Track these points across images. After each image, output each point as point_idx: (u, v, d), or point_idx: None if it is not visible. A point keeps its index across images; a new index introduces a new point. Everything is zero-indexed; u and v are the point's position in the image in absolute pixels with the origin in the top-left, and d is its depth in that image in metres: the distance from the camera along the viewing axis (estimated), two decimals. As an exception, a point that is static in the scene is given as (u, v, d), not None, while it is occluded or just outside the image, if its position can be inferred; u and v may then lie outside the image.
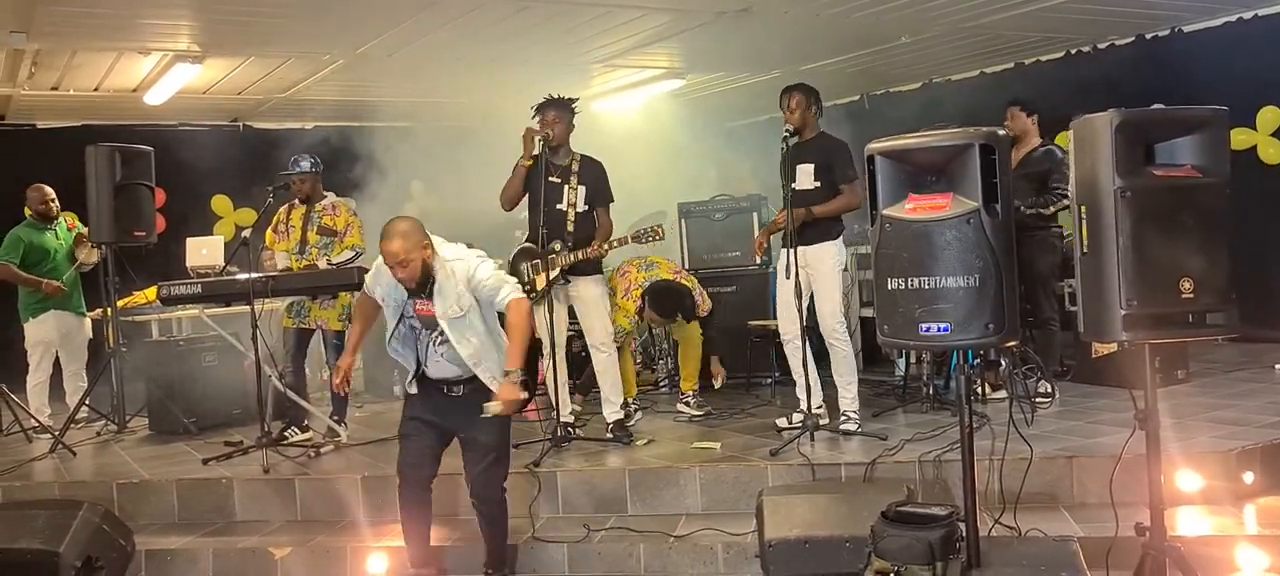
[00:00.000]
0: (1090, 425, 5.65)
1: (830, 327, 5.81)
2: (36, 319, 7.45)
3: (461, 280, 4.23)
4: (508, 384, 4.18)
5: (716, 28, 7.72)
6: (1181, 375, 6.73)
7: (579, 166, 6.02)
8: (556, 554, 4.90)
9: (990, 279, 3.17)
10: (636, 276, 6.77)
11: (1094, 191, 3.26)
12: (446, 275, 4.23)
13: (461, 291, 4.21)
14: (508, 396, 4.17)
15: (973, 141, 3.23)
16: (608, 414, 6.09)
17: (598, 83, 9.92)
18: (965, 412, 3.42)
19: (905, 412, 6.35)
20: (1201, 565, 3.55)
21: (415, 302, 4.31)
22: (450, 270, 4.24)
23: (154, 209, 7.54)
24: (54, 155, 8.88)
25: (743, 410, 6.82)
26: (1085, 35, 8.87)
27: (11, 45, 7.14)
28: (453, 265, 4.26)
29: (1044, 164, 6.63)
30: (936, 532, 3.36)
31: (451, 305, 4.21)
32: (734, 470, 5.29)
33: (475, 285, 4.25)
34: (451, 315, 4.20)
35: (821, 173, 5.77)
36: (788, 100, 5.83)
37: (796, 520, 4.19)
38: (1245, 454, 4.93)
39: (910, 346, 5.35)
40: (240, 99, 9.86)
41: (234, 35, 7.54)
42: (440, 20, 7.19)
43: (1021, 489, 4.46)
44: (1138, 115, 3.29)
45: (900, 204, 3.35)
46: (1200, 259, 3.20)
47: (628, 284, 6.77)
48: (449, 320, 4.20)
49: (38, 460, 6.52)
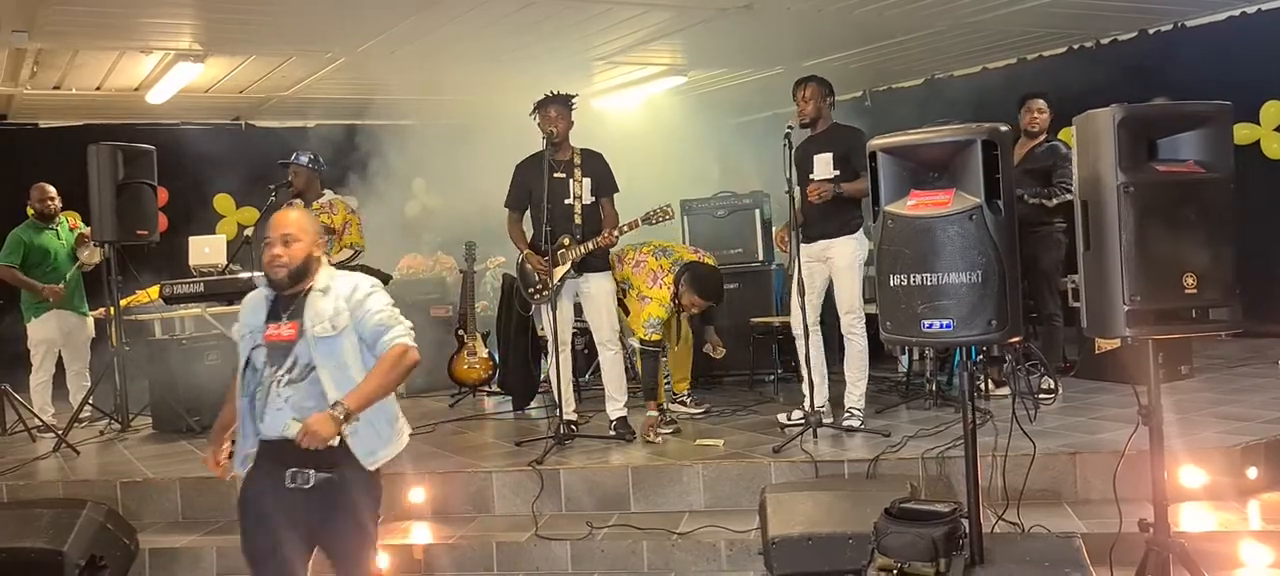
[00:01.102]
0: (1093, 421, 5.64)
1: (846, 323, 5.80)
2: (38, 318, 7.46)
3: (343, 295, 3.43)
4: (327, 416, 3.20)
5: (719, 24, 7.71)
6: (1185, 371, 6.72)
7: (581, 160, 6.02)
8: (559, 551, 4.90)
9: (993, 275, 3.16)
10: (656, 264, 6.31)
11: (1097, 187, 3.24)
12: (324, 291, 3.42)
13: (340, 307, 3.41)
14: (318, 427, 3.18)
15: (975, 137, 3.22)
16: (611, 411, 6.09)
17: (600, 80, 9.91)
18: (968, 409, 3.41)
19: (908, 409, 6.34)
20: (1205, 561, 3.54)
21: (267, 327, 3.42)
22: (333, 283, 3.45)
23: (156, 208, 7.54)
24: (56, 154, 8.89)
25: (745, 407, 6.82)
26: (1088, 30, 8.85)
27: (14, 44, 7.15)
28: (338, 279, 3.49)
29: (1048, 159, 6.61)
30: (940, 529, 3.35)
31: (324, 321, 3.37)
32: (737, 467, 5.28)
33: (359, 306, 3.41)
34: (321, 332, 3.36)
35: (840, 161, 5.75)
36: (803, 91, 5.83)
37: (800, 517, 4.19)
38: (1249, 449, 4.92)
39: (913, 343, 5.35)
40: (242, 97, 9.86)
41: (235, 34, 7.55)
42: (442, 18, 7.19)
43: (1025, 485, 4.45)
44: (1141, 110, 3.28)
45: (902, 200, 3.34)
46: (1203, 254, 3.19)
47: (651, 272, 6.28)
48: (318, 337, 3.34)
49: (41, 459, 6.52)
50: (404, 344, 3.41)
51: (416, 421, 7.06)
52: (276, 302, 3.45)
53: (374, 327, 3.42)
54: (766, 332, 7.63)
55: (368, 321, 3.42)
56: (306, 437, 3.17)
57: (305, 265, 3.42)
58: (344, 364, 3.38)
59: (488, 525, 5.26)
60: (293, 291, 3.42)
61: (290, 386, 3.35)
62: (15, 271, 7.33)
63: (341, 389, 3.31)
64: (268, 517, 3.35)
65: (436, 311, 8.75)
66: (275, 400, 3.35)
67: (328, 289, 3.44)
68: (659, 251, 6.35)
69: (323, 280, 3.46)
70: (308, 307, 3.39)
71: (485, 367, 8.01)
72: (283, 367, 3.36)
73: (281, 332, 3.40)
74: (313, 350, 3.35)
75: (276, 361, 3.38)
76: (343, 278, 3.51)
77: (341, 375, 3.35)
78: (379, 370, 3.36)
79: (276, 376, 3.37)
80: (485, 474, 5.52)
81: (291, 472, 3.30)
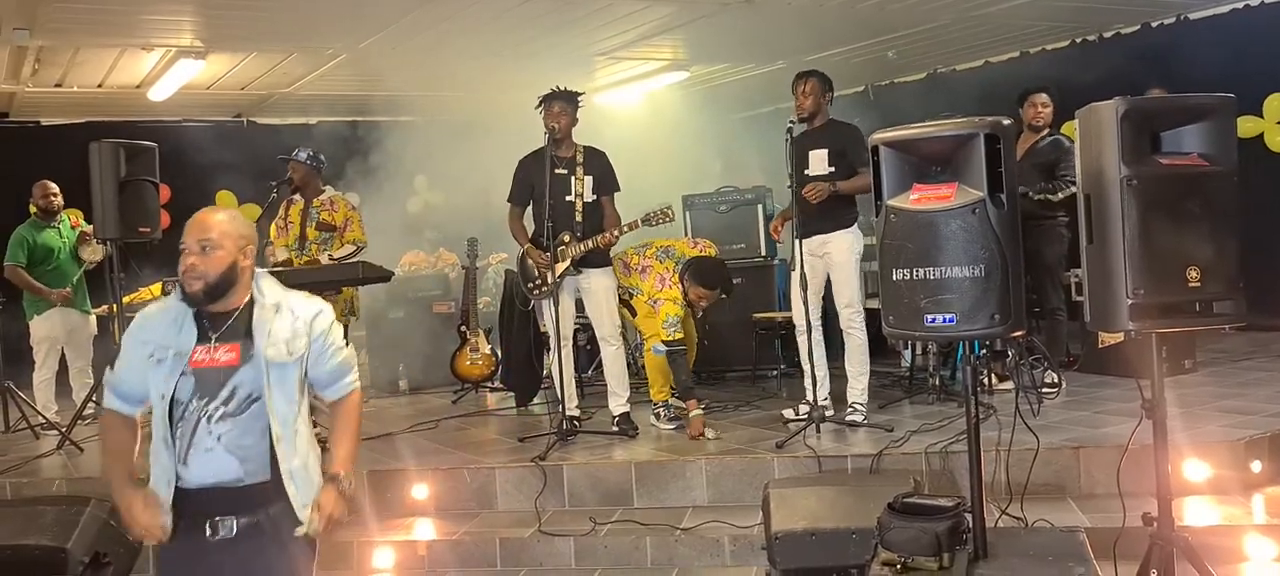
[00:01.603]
0: (1097, 415, 5.63)
1: (845, 318, 5.80)
2: (41, 316, 7.46)
3: (304, 318, 2.96)
4: (336, 494, 2.90)
5: (721, 19, 7.70)
6: (1189, 364, 6.71)
7: (583, 157, 6.02)
8: (563, 547, 4.90)
9: (996, 269, 3.16)
10: (661, 267, 6.29)
11: (1100, 180, 3.24)
12: (275, 308, 2.95)
13: (299, 331, 2.93)
14: (332, 507, 2.88)
15: (977, 131, 3.21)
16: (613, 407, 6.09)
17: (602, 75, 9.90)
18: (971, 403, 3.40)
19: (911, 404, 6.34)
20: (1209, 555, 3.53)
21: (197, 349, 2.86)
22: (285, 304, 2.98)
23: (158, 205, 7.50)
24: (58, 152, 8.88)
25: (748, 403, 6.81)
26: (1091, 24, 8.83)
27: (15, 42, 7.15)
28: (291, 299, 3.01)
29: (1051, 153, 6.60)
30: (943, 524, 3.34)
31: (280, 345, 2.89)
32: (740, 462, 5.28)
33: (322, 337, 2.98)
34: (276, 357, 2.87)
35: (836, 158, 5.75)
36: (802, 86, 5.81)
37: (803, 512, 4.18)
38: (1253, 443, 4.91)
39: (916, 337, 5.34)
40: (243, 94, 9.87)
41: (237, 30, 7.54)
42: (443, 14, 7.18)
43: (1028, 480, 4.44)
44: (1144, 103, 3.27)
45: (905, 194, 3.32)
46: (1207, 248, 3.18)
47: (659, 277, 6.26)
48: (272, 362, 2.86)
49: (45, 456, 6.53)
50: (359, 388, 3.12)
51: (419, 417, 7.09)
52: (202, 320, 2.90)
53: (335, 368, 3.03)
54: (769, 328, 7.62)
55: (329, 358, 3.01)
56: (325, 520, 2.86)
57: (226, 277, 2.87)
58: (292, 397, 2.91)
59: (491, 521, 5.26)
60: (220, 308, 2.90)
61: (226, 421, 2.83)
62: (22, 272, 7.33)
63: (284, 427, 2.87)
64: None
65: (439, 307, 8.76)
66: (205, 439, 2.82)
67: (280, 306, 2.95)
68: (662, 254, 6.31)
69: (271, 294, 2.97)
70: (257, 327, 2.89)
71: (488, 364, 8.02)
72: (216, 399, 2.83)
73: (217, 357, 2.85)
74: (265, 378, 2.85)
75: (207, 392, 2.83)
76: (298, 297, 3.03)
77: (288, 409, 2.89)
78: (349, 423, 3.06)
79: (206, 410, 2.83)
80: (488, 470, 5.52)
81: (213, 522, 2.81)
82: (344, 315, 6.45)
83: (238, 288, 2.91)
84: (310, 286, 6.14)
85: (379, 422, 6.98)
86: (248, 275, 2.95)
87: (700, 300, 6.21)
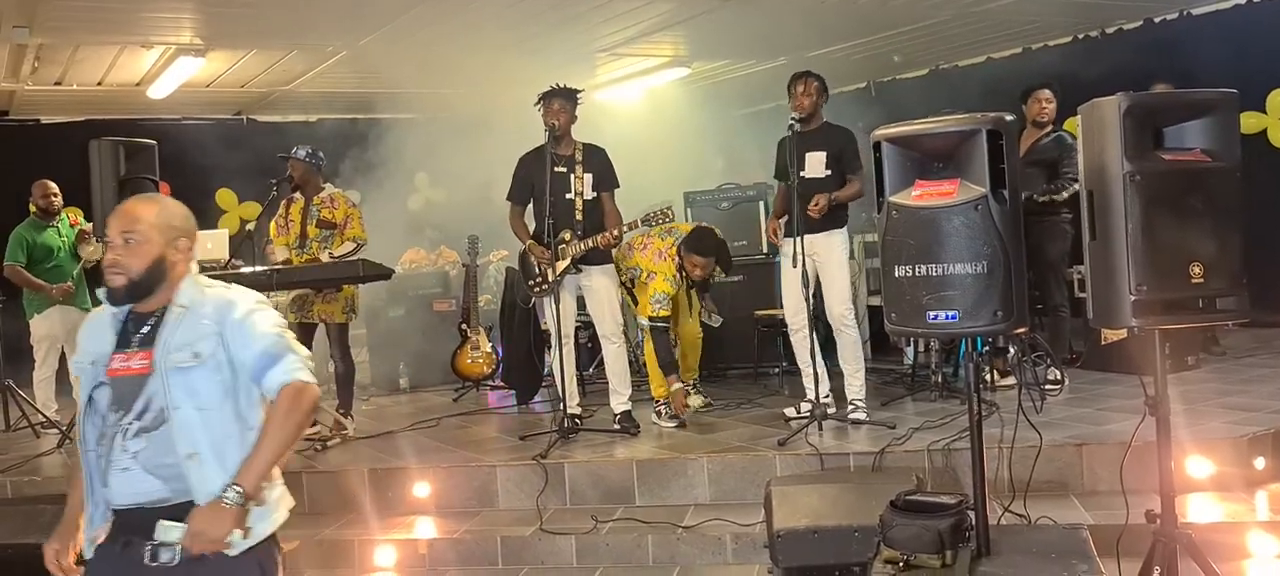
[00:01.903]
0: (1100, 412, 5.62)
1: (839, 315, 5.80)
2: (41, 314, 7.45)
3: (212, 312, 2.61)
4: (217, 508, 2.44)
5: (721, 15, 7.69)
6: (1192, 361, 6.69)
7: (583, 155, 6.01)
8: (564, 545, 4.89)
9: (998, 266, 3.14)
10: (661, 243, 6.36)
11: (1103, 176, 3.22)
12: (189, 303, 2.62)
13: (206, 330, 2.58)
14: (206, 527, 2.43)
15: (980, 127, 3.19)
16: (615, 405, 6.08)
17: (603, 72, 9.90)
18: (974, 400, 3.39)
19: (914, 401, 6.33)
20: (1213, 552, 3.52)
21: (116, 355, 2.58)
22: (197, 303, 2.62)
23: (159, 203, 7.52)
24: (58, 150, 8.88)
25: (750, 400, 6.80)
26: (1093, 19, 8.82)
27: (15, 40, 7.15)
28: (210, 292, 2.66)
29: (1053, 150, 6.58)
30: (946, 521, 3.33)
31: (183, 349, 2.54)
32: (742, 460, 5.27)
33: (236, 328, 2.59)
34: (179, 362, 2.53)
35: (832, 161, 5.75)
36: (803, 86, 5.79)
37: (805, 510, 4.17)
38: (1257, 439, 4.90)
39: (918, 334, 5.32)
40: (243, 92, 9.87)
41: (236, 28, 7.54)
42: (443, 10, 7.18)
43: (1031, 477, 4.43)
44: (1147, 99, 3.26)
45: (907, 191, 3.31)
46: (1210, 243, 3.17)
47: (656, 251, 6.31)
48: (173, 367, 2.52)
49: (45, 455, 6.53)
50: (300, 380, 2.59)
51: (419, 416, 7.08)
52: (127, 324, 2.63)
53: (259, 357, 2.58)
54: (771, 325, 7.61)
55: (250, 347, 2.58)
56: (195, 542, 2.43)
57: (153, 273, 2.58)
58: (209, 399, 2.54)
59: (492, 519, 5.25)
60: (146, 308, 2.62)
61: (141, 437, 2.50)
62: (22, 271, 7.33)
63: (197, 443, 2.49)
64: None
65: (439, 305, 8.75)
66: (120, 457, 2.50)
67: (191, 305, 2.61)
68: (664, 233, 6.40)
69: (186, 293, 2.63)
70: (162, 329, 2.57)
71: (489, 362, 8.01)
72: (131, 413, 2.52)
73: (131, 365, 2.55)
74: (165, 387, 2.51)
75: (123, 404, 2.53)
76: (215, 290, 2.68)
77: (202, 422, 2.52)
78: (275, 423, 2.55)
79: (122, 424, 2.52)
80: (489, 468, 5.51)
81: (151, 548, 2.47)
82: (345, 313, 6.44)
83: (167, 286, 2.62)
84: (311, 284, 6.25)
85: (380, 421, 6.98)
86: (180, 272, 2.65)
87: (696, 269, 6.21)
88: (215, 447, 2.52)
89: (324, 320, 6.44)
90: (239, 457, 2.53)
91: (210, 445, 2.52)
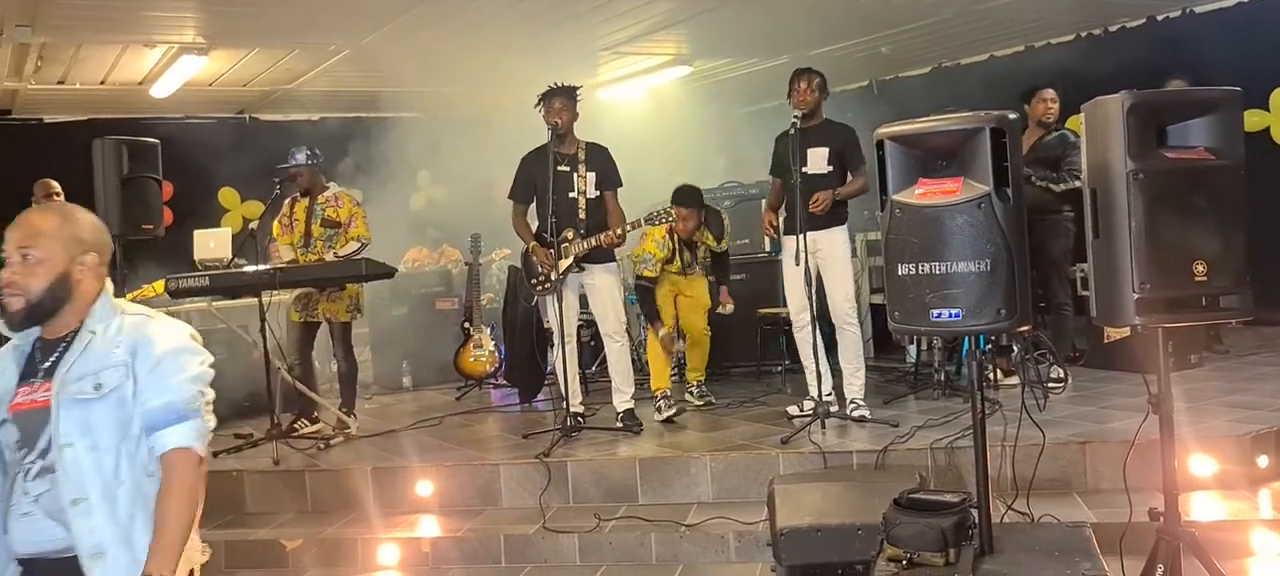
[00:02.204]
0: (1103, 410, 5.61)
1: (842, 313, 5.80)
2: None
3: (126, 342, 2.33)
4: None
5: (724, 13, 7.69)
6: (1195, 359, 6.69)
7: (586, 154, 6.01)
8: (567, 544, 4.89)
9: (1002, 264, 3.14)
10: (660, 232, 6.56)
11: (1106, 174, 3.22)
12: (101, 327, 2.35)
13: (118, 359, 2.30)
14: None
15: (983, 125, 3.19)
16: (618, 403, 6.08)
17: (605, 71, 9.89)
18: (977, 399, 3.38)
19: (917, 399, 6.33)
20: (1216, 550, 3.52)
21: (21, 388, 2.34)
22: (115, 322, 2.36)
23: (161, 202, 7.51)
24: (61, 149, 8.91)
25: (753, 398, 6.80)
26: (1096, 17, 8.81)
27: (18, 39, 7.15)
28: (129, 319, 2.39)
29: (1056, 148, 6.58)
30: (949, 519, 3.33)
31: (84, 379, 2.27)
32: (745, 458, 5.27)
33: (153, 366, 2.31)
34: (75, 393, 2.26)
35: (835, 158, 5.75)
36: (804, 82, 5.78)
37: (808, 508, 4.17)
38: (1260, 437, 4.90)
39: (921, 332, 5.30)
40: (246, 91, 9.87)
41: (239, 27, 7.54)
42: (446, 9, 7.18)
43: (1034, 475, 4.43)
44: (1150, 97, 3.25)
45: (910, 189, 3.31)
46: (1214, 241, 3.16)
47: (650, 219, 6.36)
48: (69, 398, 2.26)
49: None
50: (194, 451, 2.30)
51: (422, 414, 7.08)
52: (33, 353, 2.37)
53: (162, 409, 2.28)
54: (774, 323, 7.60)
55: (159, 393, 2.28)
56: None
57: (55, 293, 2.30)
58: (98, 446, 2.24)
59: (495, 518, 5.26)
60: (54, 334, 2.35)
61: (42, 477, 2.24)
62: None
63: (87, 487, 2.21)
64: None
65: (442, 304, 8.76)
66: (21, 501, 2.25)
67: (103, 330, 2.34)
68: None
69: (99, 316, 2.35)
70: (67, 356, 2.30)
71: (491, 360, 8.01)
72: (34, 450, 2.26)
73: (35, 397, 2.29)
74: (56, 421, 2.24)
75: (27, 441, 2.28)
76: (135, 318, 2.39)
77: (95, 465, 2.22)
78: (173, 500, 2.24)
79: (24, 464, 2.27)
80: (492, 466, 5.51)
81: None
82: (349, 312, 6.44)
83: (74, 308, 2.33)
84: (315, 282, 6.25)
85: (382, 419, 6.99)
86: (89, 290, 2.35)
87: (682, 220, 6.40)
88: (107, 495, 2.23)
89: (328, 319, 6.45)
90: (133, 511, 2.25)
91: (101, 492, 2.22)
